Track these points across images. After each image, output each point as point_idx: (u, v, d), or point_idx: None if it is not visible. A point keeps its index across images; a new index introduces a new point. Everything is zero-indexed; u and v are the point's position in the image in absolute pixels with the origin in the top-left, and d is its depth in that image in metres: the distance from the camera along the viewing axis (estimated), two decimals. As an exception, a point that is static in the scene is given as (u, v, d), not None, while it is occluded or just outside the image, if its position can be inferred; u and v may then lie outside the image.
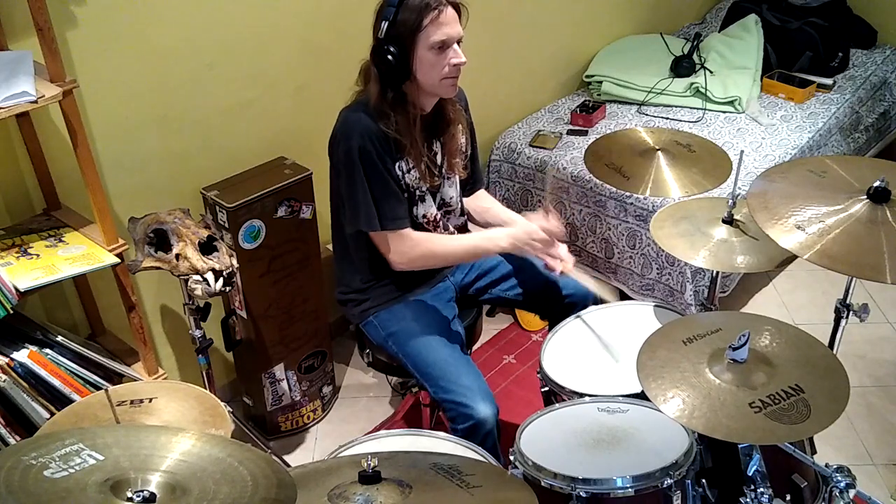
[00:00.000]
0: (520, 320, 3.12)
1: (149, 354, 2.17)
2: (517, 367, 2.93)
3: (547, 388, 1.96)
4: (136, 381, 2.10)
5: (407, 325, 2.09)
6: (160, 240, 2.03)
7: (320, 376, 2.71)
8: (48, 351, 1.94)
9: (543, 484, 1.60)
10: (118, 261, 1.97)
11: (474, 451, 1.73)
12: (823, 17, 3.68)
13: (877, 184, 1.63)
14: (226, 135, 2.43)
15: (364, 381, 2.92)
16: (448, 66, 1.91)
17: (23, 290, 1.79)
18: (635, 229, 2.88)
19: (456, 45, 1.91)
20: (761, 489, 1.57)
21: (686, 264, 2.75)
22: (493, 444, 1.92)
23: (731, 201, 1.99)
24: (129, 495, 1.04)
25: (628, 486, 1.56)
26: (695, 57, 3.53)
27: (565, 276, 2.12)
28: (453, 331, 2.11)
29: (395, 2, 1.85)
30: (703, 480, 1.66)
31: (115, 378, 2.08)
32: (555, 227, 2.03)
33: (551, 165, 2.12)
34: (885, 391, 2.74)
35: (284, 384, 2.60)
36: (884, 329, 3.02)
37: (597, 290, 2.17)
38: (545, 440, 1.72)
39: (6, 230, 2.01)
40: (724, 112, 3.35)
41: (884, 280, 1.50)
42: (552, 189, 2.18)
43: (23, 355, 1.88)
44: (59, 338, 1.99)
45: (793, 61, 3.61)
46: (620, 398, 1.81)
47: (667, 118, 3.32)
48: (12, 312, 1.77)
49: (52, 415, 1.85)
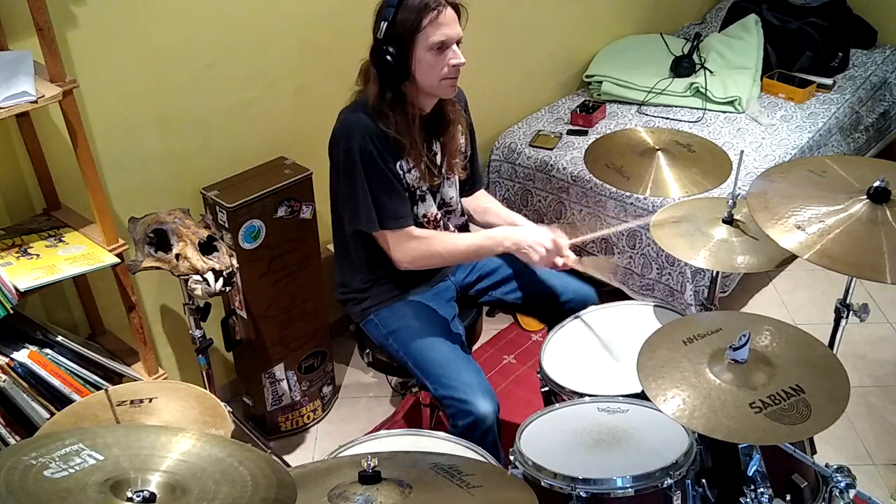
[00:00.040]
0: (520, 320, 3.12)
1: (149, 354, 2.17)
2: (517, 367, 2.92)
3: (547, 388, 1.96)
4: (136, 381, 2.10)
5: (407, 323, 2.09)
6: (160, 240, 2.03)
7: (320, 376, 2.71)
8: (48, 351, 1.94)
9: (543, 484, 1.60)
10: (118, 261, 1.97)
11: (474, 451, 1.73)
12: (823, 17, 3.68)
13: (877, 184, 1.63)
14: (226, 135, 2.43)
15: (364, 381, 2.91)
16: (447, 67, 1.91)
17: (23, 290, 1.79)
18: (635, 229, 2.88)
19: (455, 46, 1.91)
20: (761, 489, 1.57)
21: (686, 264, 2.75)
22: (493, 440, 1.92)
23: (731, 201, 1.99)
24: (129, 495, 1.04)
25: (628, 486, 1.56)
26: (695, 57, 3.53)
27: (567, 269, 2.10)
28: (453, 329, 2.11)
29: (394, 2, 1.85)
30: (703, 480, 1.66)
31: (115, 378, 2.08)
32: (564, 243, 2.00)
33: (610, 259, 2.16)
34: (885, 391, 2.74)
35: (284, 384, 2.60)
36: (884, 329, 3.02)
37: (600, 275, 2.16)
38: (545, 440, 1.72)
39: (6, 230, 2.01)
40: (724, 112, 3.35)
41: (884, 280, 1.50)
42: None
43: (23, 355, 1.88)
44: (59, 338, 1.99)
45: (793, 61, 3.61)
46: (620, 398, 1.81)
47: (667, 118, 3.32)
48: (12, 312, 1.77)
49: (52, 415, 1.85)
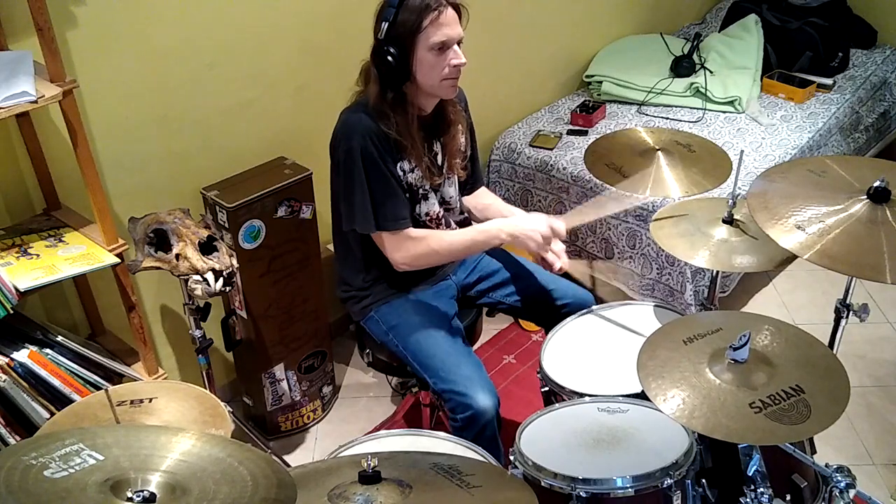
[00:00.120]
0: (520, 320, 3.12)
1: (149, 354, 2.17)
2: (517, 367, 2.92)
3: (547, 388, 1.96)
4: (136, 381, 2.10)
5: (408, 319, 2.09)
6: (160, 240, 2.03)
7: (320, 376, 2.71)
8: (48, 351, 1.93)
9: (543, 484, 1.60)
10: (118, 261, 1.97)
11: (474, 451, 1.73)
12: (823, 17, 3.68)
13: (877, 184, 1.63)
14: (226, 135, 2.43)
15: (364, 381, 2.91)
16: (448, 67, 1.91)
17: (23, 290, 1.79)
18: (635, 229, 2.88)
19: (456, 46, 1.91)
20: (761, 489, 1.56)
21: (686, 264, 2.74)
22: (492, 435, 1.92)
23: (731, 201, 1.99)
24: (129, 495, 1.04)
25: (628, 486, 1.56)
26: (695, 57, 3.53)
27: (562, 272, 2.11)
28: (454, 325, 2.11)
29: (395, 2, 1.85)
30: (703, 480, 1.66)
31: (115, 378, 2.08)
32: (559, 227, 2.02)
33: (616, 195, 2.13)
34: (885, 391, 2.74)
35: (284, 384, 2.60)
36: (884, 329, 3.02)
37: (593, 286, 2.16)
38: (545, 440, 1.72)
39: (6, 230, 2.01)
40: (724, 112, 3.34)
41: (884, 280, 1.50)
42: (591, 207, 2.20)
43: (23, 355, 1.88)
44: (59, 338, 1.99)
45: (793, 61, 3.61)
46: (620, 398, 1.81)
47: (667, 118, 3.32)
48: (12, 312, 1.77)
49: (52, 415, 1.85)
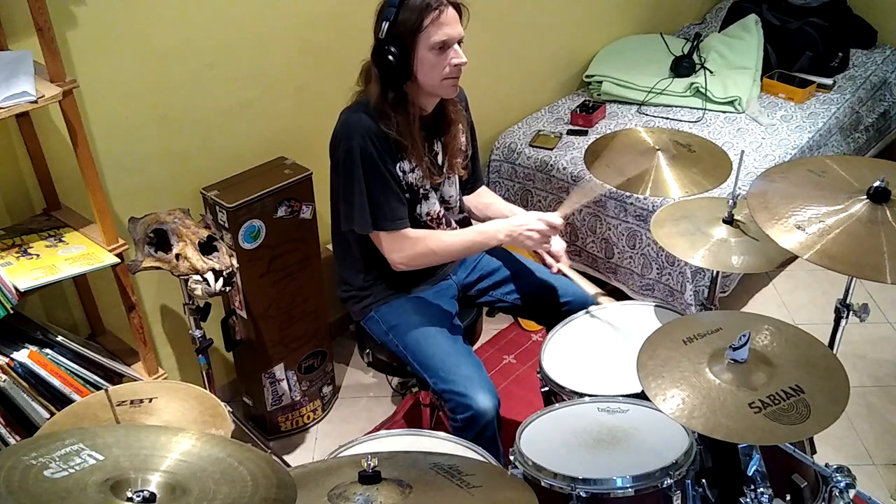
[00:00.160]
0: (520, 320, 3.12)
1: (149, 354, 2.17)
2: (517, 367, 2.92)
3: (547, 388, 1.96)
4: (136, 381, 2.10)
5: (408, 319, 2.09)
6: (160, 240, 2.03)
7: (320, 376, 2.71)
8: (48, 351, 1.93)
9: (543, 484, 1.60)
10: (118, 261, 1.97)
11: (474, 451, 1.73)
12: (823, 17, 3.68)
13: (877, 184, 1.63)
14: (226, 135, 2.43)
15: (364, 381, 2.91)
16: (449, 67, 1.91)
17: (23, 290, 1.79)
18: (635, 229, 2.88)
19: (457, 46, 1.91)
20: (761, 489, 1.56)
21: (686, 264, 2.75)
22: (492, 435, 1.92)
23: (731, 201, 1.99)
24: (129, 495, 1.04)
25: (628, 486, 1.56)
26: (695, 57, 3.53)
27: (562, 274, 2.11)
28: (454, 325, 2.11)
29: (395, 2, 1.85)
30: (703, 480, 1.66)
31: (115, 378, 2.08)
32: (555, 220, 2.02)
33: (588, 179, 2.11)
34: (885, 391, 2.74)
35: (284, 384, 2.60)
36: (884, 329, 3.02)
37: (591, 290, 2.16)
38: (545, 440, 1.72)
39: (6, 230, 2.01)
40: (724, 112, 3.35)
41: (884, 280, 1.50)
42: (580, 195, 2.18)
43: (23, 355, 1.88)
44: (59, 338, 1.99)
45: (793, 61, 3.61)
46: (620, 398, 1.81)
47: (667, 118, 3.32)
48: (12, 312, 1.77)
49: (52, 415, 1.85)
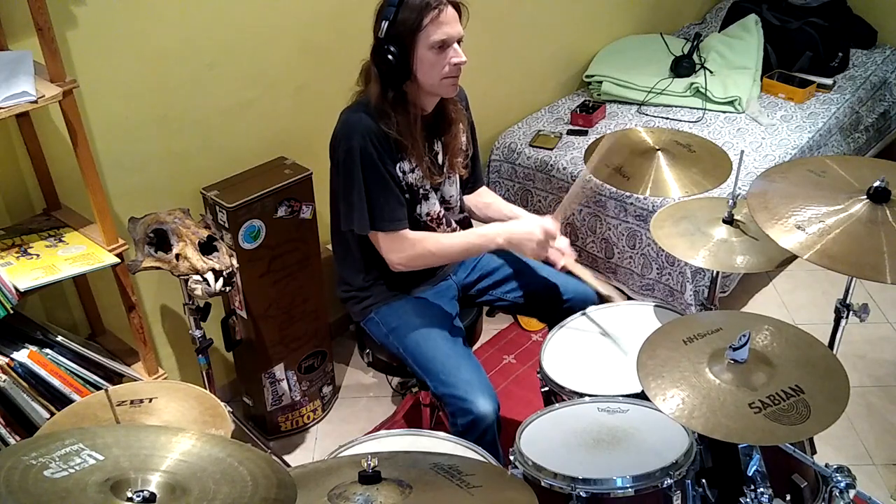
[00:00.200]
0: (520, 321, 3.12)
1: (149, 354, 2.17)
2: (517, 367, 2.92)
3: (547, 388, 1.96)
4: (136, 381, 2.10)
5: (408, 321, 2.09)
6: (160, 240, 2.03)
7: (320, 376, 2.71)
8: (48, 351, 1.93)
9: (543, 484, 1.59)
10: (118, 261, 1.97)
11: (474, 451, 1.73)
12: (823, 17, 3.68)
13: (877, 184, 1.63)
14: (226, 135, 2.43)
15: (364, 381, 2.91)
16: (448, 66, 1.91)
17: (23, 290, 1.79)
18: (635, 229, 2.88)
19: (456, 45, 1.91)
20: (761, 489, 1.56)
21: (686, 264, 2.75)
22: (493, 439, 1.91)
23: (731, 201, 1.99)
24: (129, 495, 1.04)
25: (628, 486, 1.56)
26: (695, 57, 3.53)
27: (566, 270, 2.10)
28: (455, 326, 2.11)
29: (395, 1, 1.85)
30: (703, 480, 1.66)
31: (115, 378, 2.08)
32: (551, 227, 2.02)
33: (584, 173, 2.09)
34: (885, 391, 2.74)
35: (284, 384, 2.60)
36: (884, 329, 3.02)
37: (599, 287, 2.15)
38: (545, 440, 1.72)
39: (6, 230, 2.01)
40: (724, 112, 3.35)
41: (884, 280, 1.50)
42: (577, 193, 2.16)
43: (23, 355, 1.88)
44: (59, 338, 1.99)
45: (793, 61, 3.61)
46: (620, 398, 1.81)
47: (667, 118, 3.32)
48: (12, 312, 1.76)
49: (52, 415, 1.85)
